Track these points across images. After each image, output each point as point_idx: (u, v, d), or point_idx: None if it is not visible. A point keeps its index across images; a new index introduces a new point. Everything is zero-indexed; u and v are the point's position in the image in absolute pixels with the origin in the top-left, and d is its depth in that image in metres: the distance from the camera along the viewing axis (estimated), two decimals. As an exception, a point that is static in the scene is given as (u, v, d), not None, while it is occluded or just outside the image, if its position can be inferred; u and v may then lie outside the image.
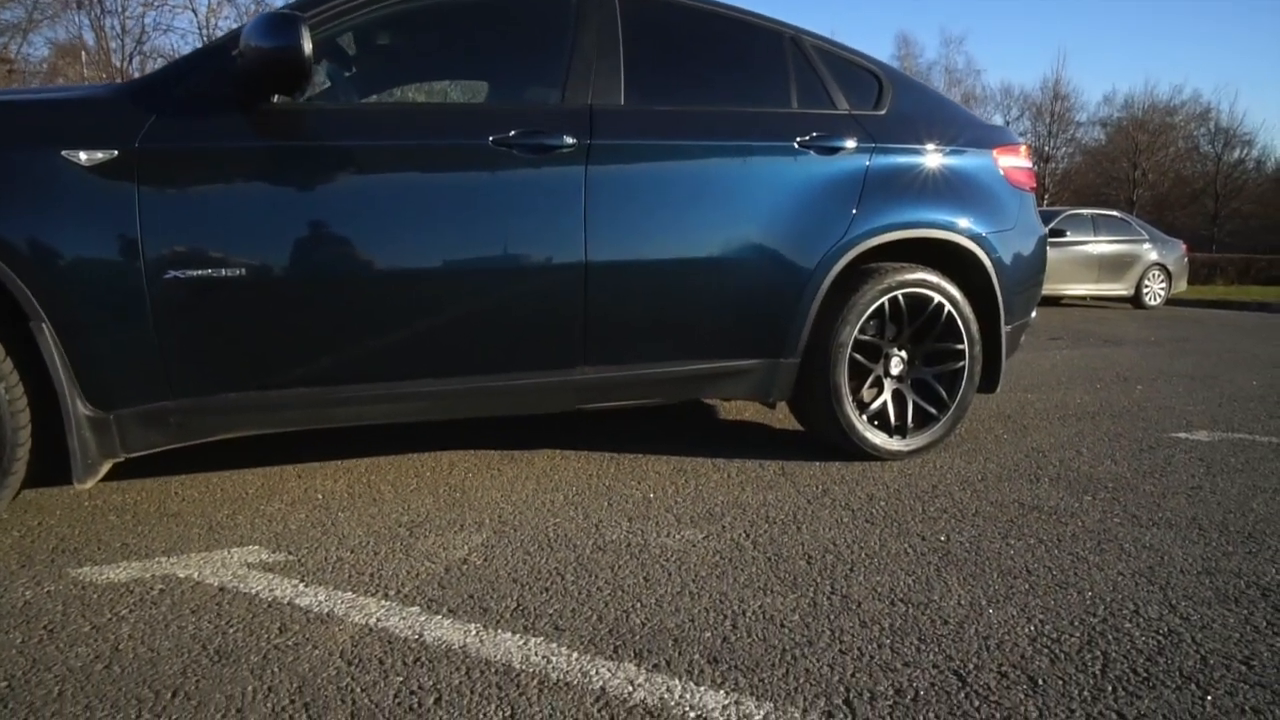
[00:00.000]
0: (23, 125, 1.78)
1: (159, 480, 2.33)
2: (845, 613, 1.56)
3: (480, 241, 2.08)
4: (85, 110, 1.83)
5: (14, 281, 1.69)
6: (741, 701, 1.26)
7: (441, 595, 1.62)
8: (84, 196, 1.74)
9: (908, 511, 2.14)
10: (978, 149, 2.75)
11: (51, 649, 1.40)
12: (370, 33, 2.21)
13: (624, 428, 3.00)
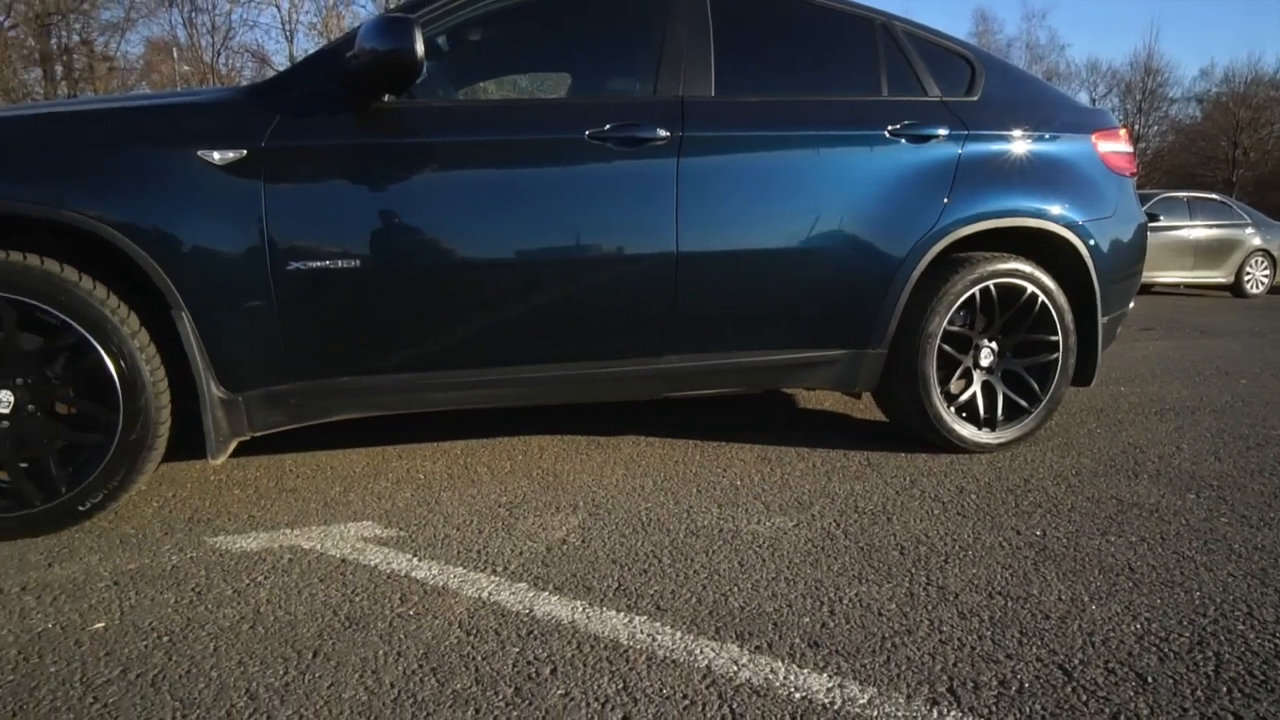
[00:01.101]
0: (164, 128, 1.92)
1: (275, 458, 2.48)
2: (943, 604, 1.58)
3: (575, 233, 2.14)
4: (218, 112, 1.96)
5: (158, 274, 1.83)
6: (845, 685, 1.30)
7: (546, 573, 1.70)
8: (217, 193, 1.88)
9: (1000, 505, 2.13)
10: (1074, 133, 2.67)
11: (201, 609, 1.54)
12: (470, 29, 2.28)
13: (707, 415, 3.05)
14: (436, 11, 2.09)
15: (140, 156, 1.88)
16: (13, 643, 1.42)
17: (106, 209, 1.82)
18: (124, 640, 1.43)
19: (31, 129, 1.99)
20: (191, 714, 1.21)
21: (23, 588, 1.63)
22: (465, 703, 1.25)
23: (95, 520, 1.95)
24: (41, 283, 1.77)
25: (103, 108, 2.05)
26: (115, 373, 1.83)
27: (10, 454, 1.83)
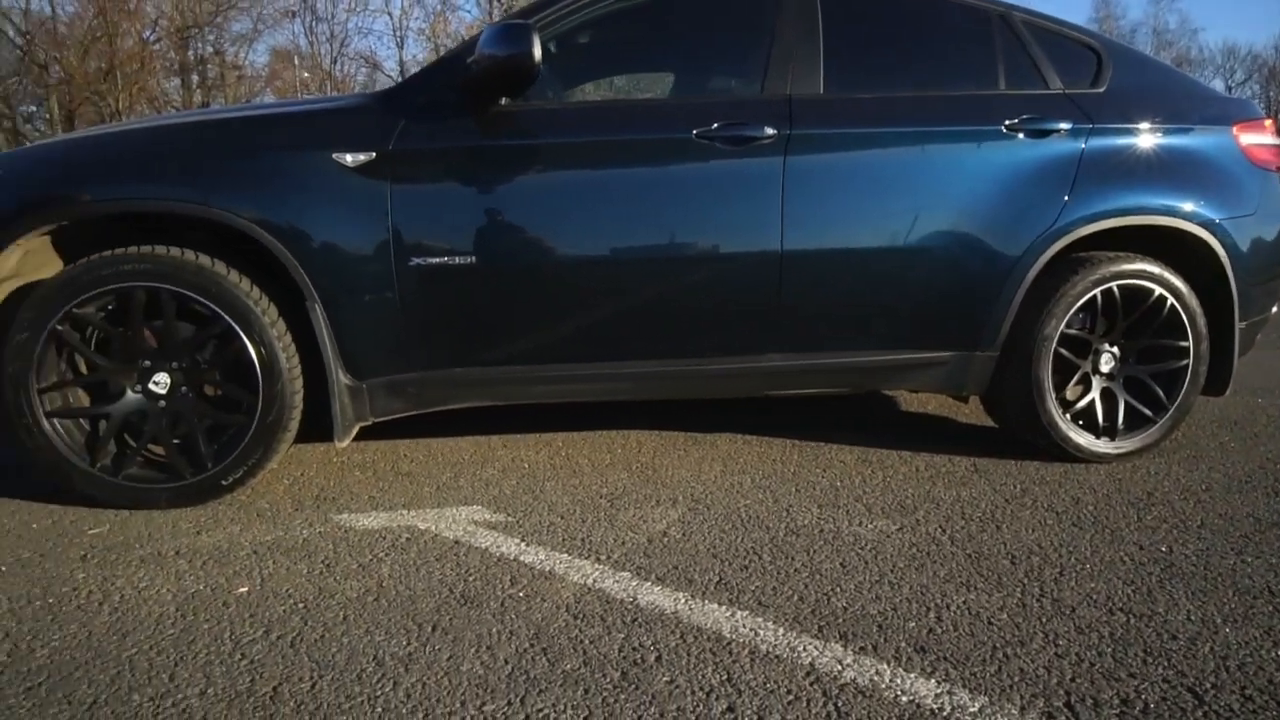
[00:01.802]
0: (303, 132, 2.07)
1: (390, 443, 2.63)
2: (1058, 617, 1.52)
3: (681, 231, 2.17)
4: (351, 118, 2.10)
5: (295, 267, 1.98)
6: (954, 692, 1.28)
7: (648, 564, 1.74)
8: (348, 193, 2.01)
9: (1120, 518, 2.02)
10: (1213, 125, 2.50)
11: (330, 581, 1.66)
12: (581, 33, 2.34)
13: (803, 414, 3.02)
14: (551, 16, 2.16)
15: (282, 159, 2.03)
16: (171, 600, 1.57)
17: (252, 207, 1.97)
18: (265, 604, 1.55)
19: (184, 136, 2.19)
20: (326, 675, 1.31)
21: (176, 552, 1.80)
22: (575, 683, 1.30)
23: (235, 494, 2.12)
24: (196, 276, 1.95)
25: (249, 115, 2.22)
26: (256, 359, 1.99)
27: (166, 430, 2.01)
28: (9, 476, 2.26)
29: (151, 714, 1.21)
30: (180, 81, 25.11)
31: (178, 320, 1.99)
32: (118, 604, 1.55)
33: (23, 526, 1.94)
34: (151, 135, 2.19)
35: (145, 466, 2.04)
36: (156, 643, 1.41)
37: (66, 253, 2.11)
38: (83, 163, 2.07)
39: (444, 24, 22.55)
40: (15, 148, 12.80)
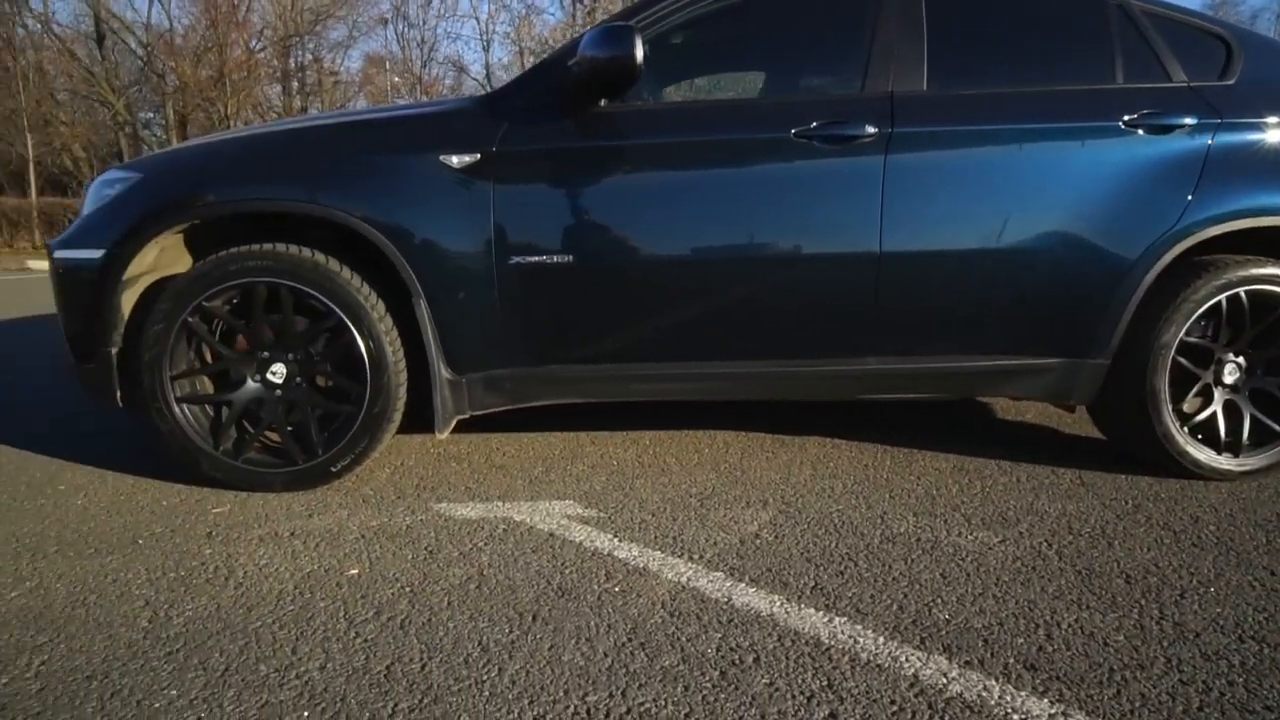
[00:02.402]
0: (411, 135, 2.16)
1: (482, 436, 2.71)
2: (1180, 641, 1.44)
3: (777, 231, 2.15)
4: (456, 120, 2.17)
5: (403, 265, 2.06)
6: (1070, 714, 1.22)
7: (741, 565, 1.74)
8: (453, 193, 2.08)
9: (1246, 540, 1.89)
10: (1361, 119, 2.31)
11: (434, 567, 1.72)
12: (679, 33, 2.35)
13: (896, 419, 2.95)
14: (651, 17, 2.18)
15: (391, 161, 2.11)
16: (289, 578, 1.66)
17: (362, 207, 2.06)
18: (374, 587, 1.63)
19: (300, 140, 2.30)
20: (435, 657, 1.36)
21: (291, 533, 1.90)
22: (674, 679, 1.31)
23: (342, 481, 2.22)
24: (313, 272, 2.05)
25: (360, 119, 2.33)
26: (365, 352, 2.08)
27: (282, 417, 2.13)
28: (142, 456, 2.43)
29: (277, 684, 1.28)
30: (281, 88, 26.43)
31: (294, 314, 2.10)
32: (241, 579, 1.65)
33: (155, 503, 2.09)
34: (269, 141, 2.32)
35: (262, 451, 2.16)
36: (278, 617, 1.50)
37: (196, 250, 2.25)
38: (208, 167, 2.21)
39: (528, 27, 23.01)
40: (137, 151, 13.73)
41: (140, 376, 2.08)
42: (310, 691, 1.26)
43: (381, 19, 26.36)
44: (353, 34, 26.75)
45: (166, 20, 22.84)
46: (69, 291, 2.12)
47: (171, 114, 22.32)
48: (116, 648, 1.39)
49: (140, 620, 1.48)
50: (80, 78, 21.88)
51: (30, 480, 2.27)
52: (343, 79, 27.44)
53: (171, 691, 1.26)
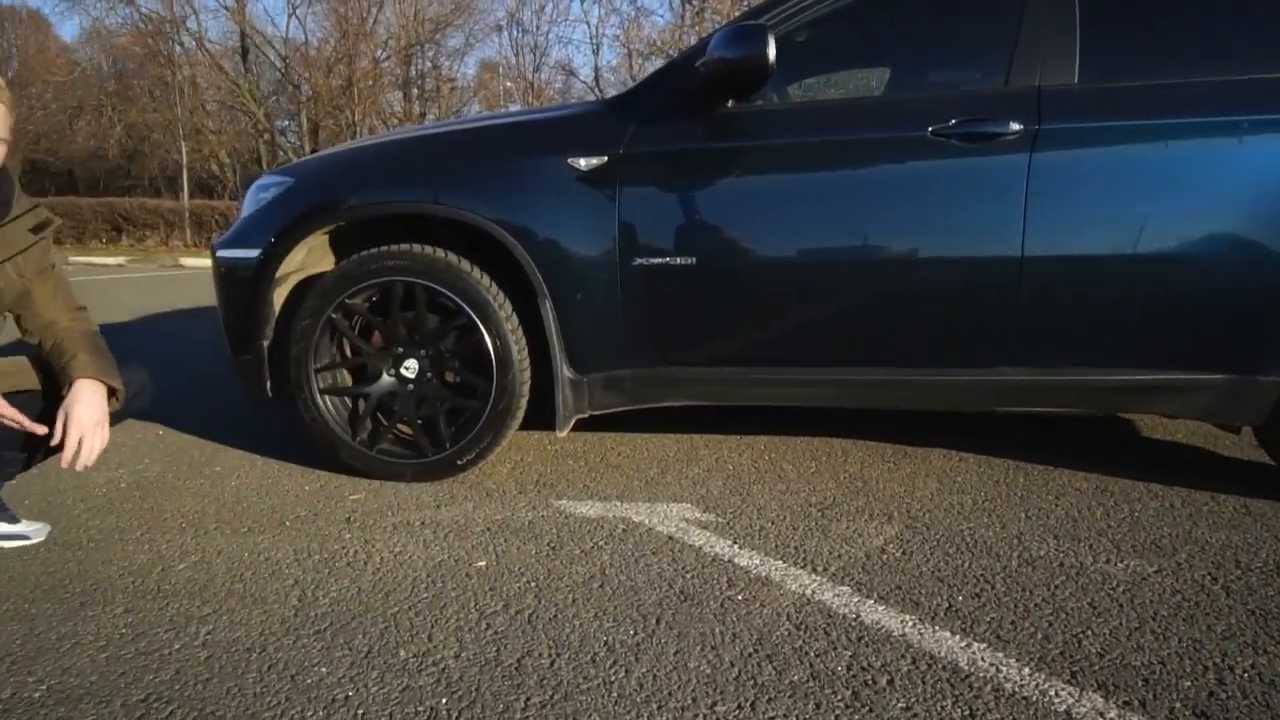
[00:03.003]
0: (539, 138, 2.21)
1: (598, 435, 2.74)
2: (1381, 697, 1.28)
3: (909, 234, 2.07)
4: (584, 123, 2.20)
5: (530, 265, 2.11)
6: (1251, 769, 1.11)
7: (868, 580, 1.68)
8: (580, 195, 2.11)
9: None
10: None
11: (557, 564, 1.75)
12: (808, 30, 2.30)
13: (1028, 433, 2.78)
14: (781, 15, 2.14)
15: (520, 164, 2.17)
16: (422, 567, 1.73)
17: (492, 209, 2.13)
18: (502, 580, 1.67)
19: (432, 146, 2.40)
20: (563, 654, 1.38)
21: (422, 523, 1.98)
22: (804, 695, 1.27)
23: (466, 474, 2.30)
24: (446, 272, 2.13)
25: (489, 125, 2.40)
26: (492, 350, 2.14)
27: (413, 411, 2.22)
28: (287, 443, 2.60)
29: (416, 669, 1.33)
30: (402, 95, 27.76)
31: (427, 312, 2.19)
32: (379, 565, 1.74)
33: (299, 487, 2.23)
34: (406, 147, 2.43)
35: (394, 443, 2.27)
36: (414, 604, 1.56)
37: (339, 250, 2.39)
38: (351, 172, 2.34)
39: (637, 29, 23.23)
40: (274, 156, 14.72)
41: (288, 369, 2.22)
42: (447, 679, 1.31)
43: (497, 26, 27.27)
44: (469, 41, 27.80)
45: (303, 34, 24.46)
46: (229, 288, 2.28)
47: (305, 121, 23.89)
48: (271, 623, 1.48)
49: (291, 598, 1.58)
50: (227, 89, 23.75)
51: (191, 461, 2.47)
52: (459, 85, 28.57)
53: (321, 669, 1.33)
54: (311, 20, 24.96)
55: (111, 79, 26.96)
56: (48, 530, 1.86)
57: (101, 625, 1.47)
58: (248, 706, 1.23)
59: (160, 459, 2.48)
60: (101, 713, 1.21)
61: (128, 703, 1.24)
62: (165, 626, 1.47)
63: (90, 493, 2.17)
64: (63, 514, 2.01)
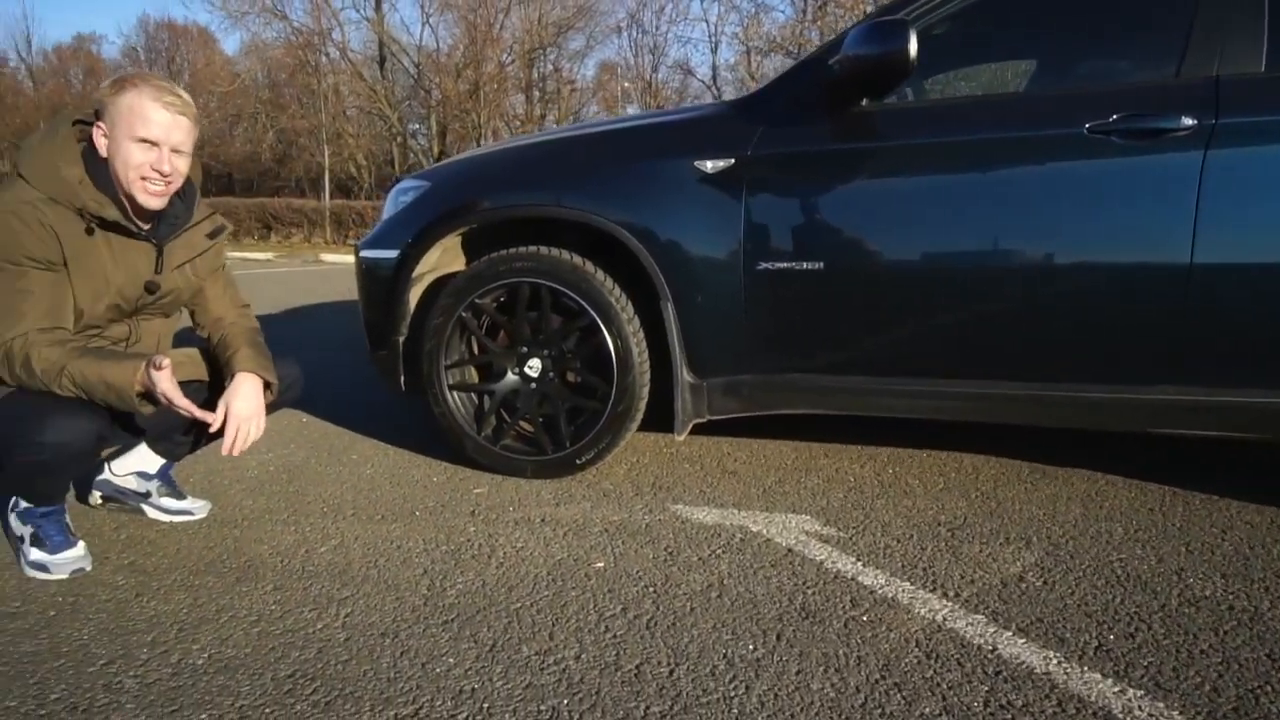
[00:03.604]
0: (667, 141, 2.20)
1: (713, 440, 2.71)
2: None
3: (1059, 239, 1.92)
4: (711, 125, 2.18)
5: (653, 268, 2.11)
6: None
7: (1005, 610, 1.57)
8: (705, 198, 2.09)
9: None
10: None
11: (674, 570, 1.74)
12: (948, 23, 2.18)
13: (1184, 457, 2.53)
14: (922, 8, 2.03)
15: (647, 167, 2.17)
16: (543, 564, 1.76)
17: (617, 211, 2.14)
18: (620, 582, 1.67)
19: (561, 150, 2.44)
20: (682, 664, 1.37)
21: (542, 520, 2.02)
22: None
23: (584, 473, 2.33)
24: (571, 274, 2.16)
25: (618, 128, 2.42)
26: (614, 352, 2.16)
27: (535, 409, 2.27)
28: (414, 435, 2.72)
29: (538, 667, 1.36)
30: (525, 97, 28.64)
31: (551, 313, 2.23)
32: (502, 560, 1.78)
33: (426, 479, 2.33)
34: (536, 151, 2.48)
35: (517, 439, 2.33)
36: (535, 601, 1.59)
37: (468, 250, 2.48)
38: (484, 176, 2.42)
39: (756, 26, 22.92)
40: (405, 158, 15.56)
41: (420, 364, 2.32)
42: (568, 680, 1.32)
43: (617, 27, 27.64)
44: (589, 43, 28.34)
45: (434, 41, 25.70)
46: (369, 286, 2.41)
47: (434, 124, 25.09)
48: (403, 610, 1.55)
49: (420, 587, 1.64)
50: (365, 96, 25.29)
51: (330, 448, 2.63)
52: (578, 87, 29.18)
53: (449, 659, 1.38)
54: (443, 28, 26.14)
55: (266, 88, 29.30)
56: (209, 508, 2.03)
57: (254, 601, 1.58)
58: (382, 690, 1.29)
59: (303, 445, 2.66)
60: (255, 684, 1.30)
61: (277, 676, 1.32)
62: (309, 606, 1.56)
63: (244, 474, 2.35)
64: (220, 493, 2.19)
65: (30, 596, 1.59)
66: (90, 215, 1.56)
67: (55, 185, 1.53)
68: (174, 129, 1.57)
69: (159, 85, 1.56)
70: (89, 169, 1.56)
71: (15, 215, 1.49)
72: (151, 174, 1.56)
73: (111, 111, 1.54)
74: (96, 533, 1.89)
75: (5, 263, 1.50)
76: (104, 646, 1.41)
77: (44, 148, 1.56)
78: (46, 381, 1.50)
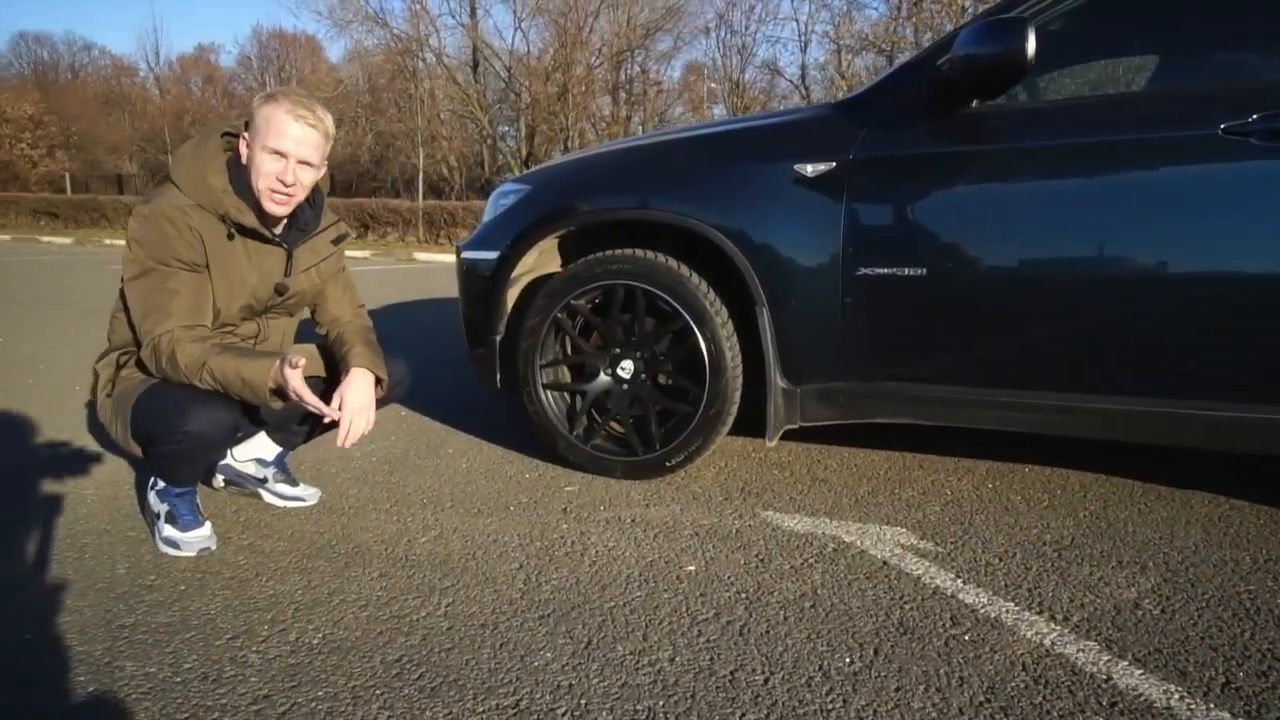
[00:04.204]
0: (766, 145, 2.19)
1: (802, 446, 2.67)
2: None
3: (1190, 247, 1.80)
4: (813, 128, 2.15)
5: (749, 272, 2.09)
6: None
7: (1120, 638, 1.49)
8: (805, 202, 2.06)
9: None
10: None
11: (766, 577, 1.72)
12: (1070, 18, 2.08)
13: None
14: (1038, 5, 1.95)
15: (745, 171, 2.16)
16: (634, 564, 1.78)
17: (714, 215, 2.14)
18: (711, 587, 1.67)
19: (658, 154, 2.45)
20: (777, 673, 1.36)
21: (632, 520, 2.04)
22: (1048, 760, 1.15)
23: (673, 476, 2.34)
24: (666, 277, 2.18)
25: (717, 131, 2.41)
26: (706, 356, 2.16)
27: (626, 410, 2.30)
28: (507, 431, 2.80)
29: (634, 667, 1.37)
30: (611, 99, 28.92)
31: (645, 315, 2.25)
32: (594, 558, 1.81)
33: (519, 475, 2.38)
34: (634, 155, 2.50)
35: (607, 439, 2.36)
36: (628, 601, 1.61)
37: (563, 252, 2.52)
38: (583, 180, 2.45)
39: (848, 24, 22.42)
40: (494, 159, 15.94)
41: (516, 363, 2.38)
42: (663, 682, 1.33)
43: (705, 28, 27.55)
44: (677, 44, 28.35)
45: (525, 44, 26.28)
46: (469, 286, 2.49)
47: (523, 127, 25.65)
48: (501, 603, 1.59)
49: (517, 581, 1.69)
50: (459, 99, 26.08)
51: (428, 441, 2.73)
52: (664, 88, 29.26)
53: (546, 654, 1.41)
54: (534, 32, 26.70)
55: (366, 93, 30.62)
56: (319, 495, 2.14)
57: (362, 586, 1.66)
58: (484, 680, 1.33)
59: (403, 437, 2.77)
60: (365, 666, 1.37)
61: (385, 660, 1.39)
62: (413, 594, 1.63)
63: (349, 464, 2.47)
64: (328, 480, 2.30)
65: (164, 571, 1.72)
66: (231, 221, 1.67)
67: (202, 192, 1.65)
68: (303, 143, 1.66)
69: (296, 100, 1.66)
70: (232, 178, 1.68)
71: (168, 219, 1.62)
72: (276, 184, 1.66)
73: (255, 121, 1.65)
74: (219, 514, 2.02)
75: (157, 263, 1.63)
76: (229, 622, 1.51)
77: (194, 157, 1.69)
78: (189, 375, 1.61)
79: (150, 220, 1.63)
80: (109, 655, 1.39)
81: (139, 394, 1.69)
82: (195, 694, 1.28)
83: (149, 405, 1.67)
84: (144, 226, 1.64)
